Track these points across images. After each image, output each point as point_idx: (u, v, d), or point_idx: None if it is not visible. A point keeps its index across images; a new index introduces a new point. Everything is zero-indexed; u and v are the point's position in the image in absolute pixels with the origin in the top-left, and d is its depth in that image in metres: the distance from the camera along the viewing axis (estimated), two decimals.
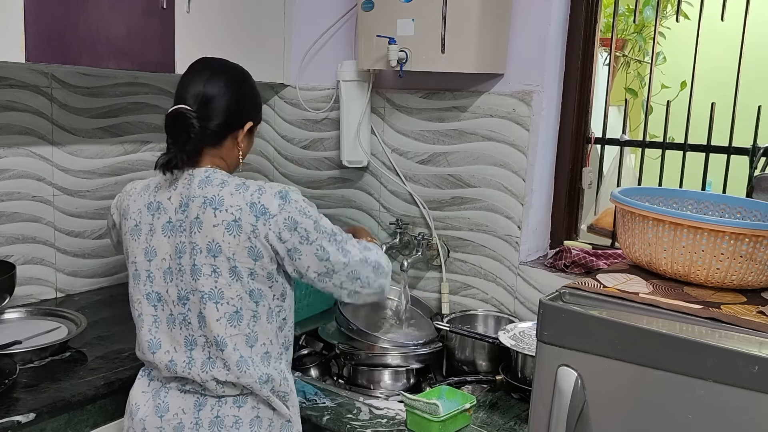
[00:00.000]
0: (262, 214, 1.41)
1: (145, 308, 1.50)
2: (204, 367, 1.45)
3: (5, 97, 2.08)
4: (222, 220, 1.41)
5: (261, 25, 2.39)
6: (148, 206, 1.50)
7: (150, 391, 1.52)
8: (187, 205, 1.44)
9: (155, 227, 1.48)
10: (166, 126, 1.46)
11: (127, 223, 1.53)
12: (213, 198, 1.42)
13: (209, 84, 1.47)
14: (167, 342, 1.48)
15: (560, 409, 1.25)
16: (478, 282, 2.22)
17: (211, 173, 1.47)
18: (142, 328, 1.51)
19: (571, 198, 2.21)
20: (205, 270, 1.42)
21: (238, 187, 1.44)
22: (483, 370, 1.94)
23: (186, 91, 1.47)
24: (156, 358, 1.48)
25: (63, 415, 1.62)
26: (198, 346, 1.46)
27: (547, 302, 1.30)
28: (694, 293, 1.35)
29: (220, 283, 1.42)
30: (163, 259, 1.47)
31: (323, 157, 2.52)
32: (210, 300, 1.42)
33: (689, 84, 2.04)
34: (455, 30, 1.93)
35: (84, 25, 1.82)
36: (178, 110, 1.44)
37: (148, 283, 1.49)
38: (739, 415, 1.11)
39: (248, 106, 1.55)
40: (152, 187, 1.52)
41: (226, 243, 1.40)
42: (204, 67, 1.52)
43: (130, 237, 1.52)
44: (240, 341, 1.44)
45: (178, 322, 1.47)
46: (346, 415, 1.69)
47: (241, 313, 1.44)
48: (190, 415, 1.47)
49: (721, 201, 1.60)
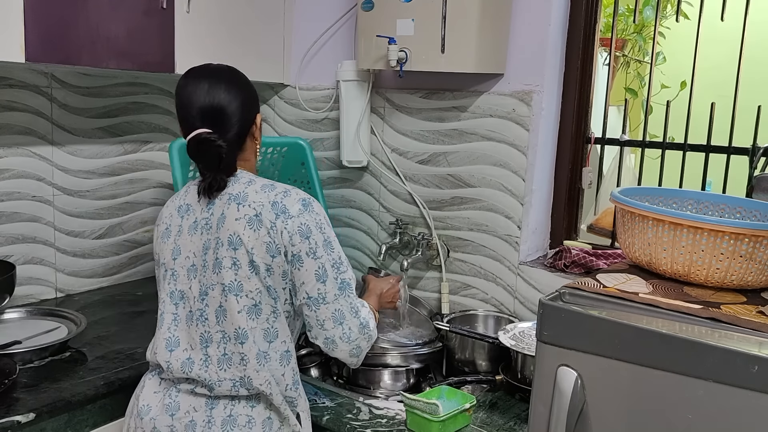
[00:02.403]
0: (282, 212, 1.43)
1: (167, 306, 1.51)
2: (221, 365, 1.44)
3: (5, 97, 2.08)
4: (244, 214, 1.43)
5: (261, 25, 2.39)
6: (178, 209, 1.54)
7: (161, 390, 1.51)
8: (213, 203, 1.48)
9: (183, 228, 1.51)
10: (193, 153, 1.45)
11: (159, 228, 1.56)
12: (238, 194, 1.46)
13: (211, 95, 1.46)
14: (185, 340, 1.49)
15: (560, 409, 1.25)
16: (478, 282, 2.22)
17: (239, 174, 1.50)
18: (162, 326, 1.51)
19: (571, 198, 2.21)
20: (225, 262, 1.43)
21: (264, 187, 1.47)
22: (483, 370, 1.94)
23: (192, 108, 1.46)
24: (173, 357, 1.48)
25: (63, 415, 1.62)
26: (213, 343, 1.45)
27: (547, 302, 1.30)
28: (694, 293, 1.35)
29: (240, 275, 1.43)
30: (186, 257, 1.49)
31: (323, 157, 2.52)
32: (230, 292, 1.43)
33: (689, 84, 2.04)
34: (455, 30, 1.93)
35: (84, 25, 1.82)
36: (200, 136, 1.43)
37: (173, 282, 1.51)
38: (739, 415, 1.11)
39: (253, 101, 1.55)
40: (184, 192, 1.56)
41: (246, 236, 1.42)
42: (199, 79, 1.48)
43: (161, 241, 1.54)
44: (259, 335, 1.45)
45: (195, 318, 1.47)
46: (346, 415, 1.70)
47: (260, 306, 1.45)
48: (202, 413, 1.46)
49: (720, 201, 1.60)
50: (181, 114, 1.49)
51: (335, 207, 2.51)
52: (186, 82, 1.50)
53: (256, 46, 2.38)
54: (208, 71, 1.52)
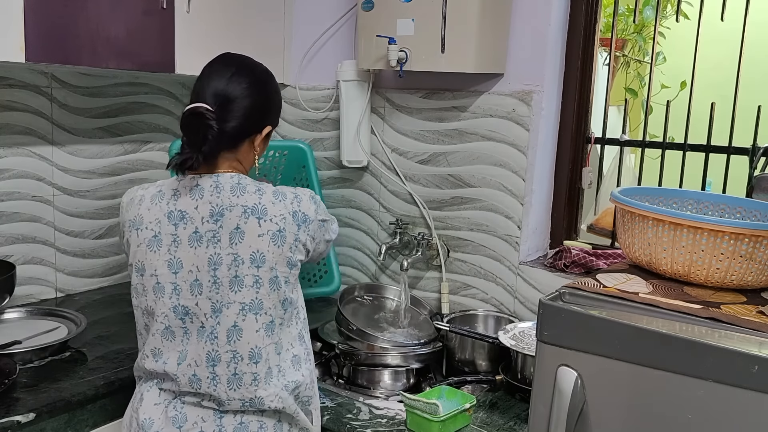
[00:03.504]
0: (303, 222, 1.44)
1: (173, 321, 1.42)
2: (230, 384, 1.40)
3: (5, 97, 2.08)
4: (267, 230, 1.40)
5: (261, 25, 2.39)
6: (168, 215, 1.42)
7: (162, 402, 1.44)
8: (221, 214, 1.40)
9: (180, 238, 1.41)
10: (183, 124, 1.38)
11: (142, 233, 1.44)
12: (255, 207, 1.40)
13: (232, 83, 1.41)
14: (191, 355, 1.41)
15: (560, 409, 1.25)
16: (478, 282, 2.22)
17: (241, 179, 1.43)
18: (172, 341, 1.42)
19: (571, 198, 2.21)
20: (247, 281, 1.39)
21: (275, 194, 1.43)
22: (483, 370, 1.94)
23: (206, 88, 1.41)
24: (179, 371, 1.41)
25: (63, 415, 1.62)
26: (222, 363, 1.40)
27: (547, 302, 1.30)
28: (694, 293, 1.35)
29: (261, 293, 1.40)
30: (189, 271, 1.40)
31: (323, 157, 2.52)
32: (250, 311, 1.40)
33: (689, 84, 2.04)
34: (455, 30, 1.93)
35: (84, 25, 1.82)
36: (197, 109, 1.37)
37: (174, 296, 1.41)
38: (739, 415, 1.11)
39: (270, 110, 1.51)
40: (168, 195, 1.44)
41: (270, 253, 1.40)
42: (227, 64, 1.45)
43: (147, 248, 1.43)
44: (272, 351, 1.43)
45: (206, 335, 1.40)
46: (346, 415, 1.69)
47: (275, 322, 1.43)
48: (212, 423, 1.41)
49: (721, 201, 1.60)
50: (195, 87, 1.44)
51: (335, 207, 2.51)
52: (215, 61, 1.47)
53: (256, 46, 2.37)
54: (240, 61, 1.49)
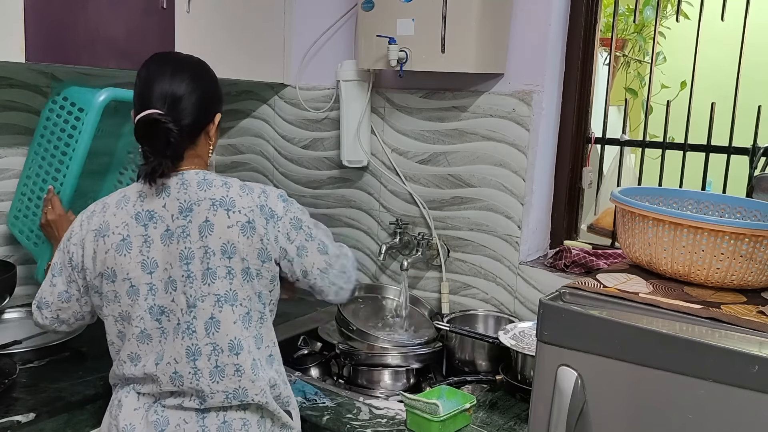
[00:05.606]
0: (270, 217, 1.44)
1: (149, 323, 1.41)
2: (213, 377, 1.40)
3: (5, 97, 2.07)
4: (236, 221, 1.41)
5: (261, 25, 2.38)
6: (135, 217, 1.42)
7: (142, 406, 1.44)
8: (190, 209, 1.41)
9: (152, 238, 1.41)
10: (140, 134, 1.38)
11: (109, 239, 1.42)
12: (223, 199, 1.42)
13: (175, 81, 1.41)
14: (168, 353, 1.41)
15: (560, 409, 1.25)
16: (478, 282, 2.22)
17: (206, 175, 1.45)
18: (149, 343, 1.42)
19: (571, 198, 2.21)
20: (219, 272, 1.40)
21: (242, 188, 1.45)
22: (483, 370, 1.94)
23: (150, 92, 1.41)
24: (159, 370, 1.40)
25: (63, 415, 1.62)
26: (202, 356, 1.40)
27: (547, 302, 1.30)
28: (694, 293, 1.35)
29: (234, 284, 1.41)
30: (164, 269, 1.41)
31: (323, 157, 2.52)
32: (226, 302, 1.41)
33: (689, 84, 2.04)
34: (455, 30, 1.93)
35: (84, 24, 1.82)
36: (150, 116, 1.37)
37: (150, 297, 1.41)
38: (739, 415, 1.11)
39: (215, 97, 1.51)
40: (134, 198, 1.44)
41: (241, 244, 1.41)
42: (162, 64, 1.45)
43: (116, 253, 1.41)
44: (252, 343, 1.43)
45: (182, 331, 1.40)
46: (346, 415, 1.69)
47: (251, 314, 1.44)
48: (194, 424, 1.41)
49: (721, 201, 1.60)
50: (137, 94, 1.43)
51: (335, 207, 2.51)
52: (150, 64, 1.47)
53: (256, 46, 2.38)
54: (175, 59, 1.50)
